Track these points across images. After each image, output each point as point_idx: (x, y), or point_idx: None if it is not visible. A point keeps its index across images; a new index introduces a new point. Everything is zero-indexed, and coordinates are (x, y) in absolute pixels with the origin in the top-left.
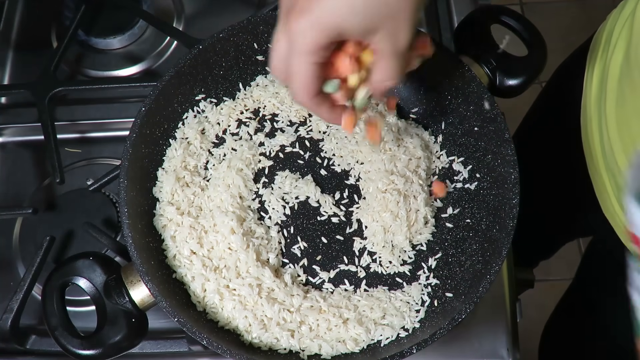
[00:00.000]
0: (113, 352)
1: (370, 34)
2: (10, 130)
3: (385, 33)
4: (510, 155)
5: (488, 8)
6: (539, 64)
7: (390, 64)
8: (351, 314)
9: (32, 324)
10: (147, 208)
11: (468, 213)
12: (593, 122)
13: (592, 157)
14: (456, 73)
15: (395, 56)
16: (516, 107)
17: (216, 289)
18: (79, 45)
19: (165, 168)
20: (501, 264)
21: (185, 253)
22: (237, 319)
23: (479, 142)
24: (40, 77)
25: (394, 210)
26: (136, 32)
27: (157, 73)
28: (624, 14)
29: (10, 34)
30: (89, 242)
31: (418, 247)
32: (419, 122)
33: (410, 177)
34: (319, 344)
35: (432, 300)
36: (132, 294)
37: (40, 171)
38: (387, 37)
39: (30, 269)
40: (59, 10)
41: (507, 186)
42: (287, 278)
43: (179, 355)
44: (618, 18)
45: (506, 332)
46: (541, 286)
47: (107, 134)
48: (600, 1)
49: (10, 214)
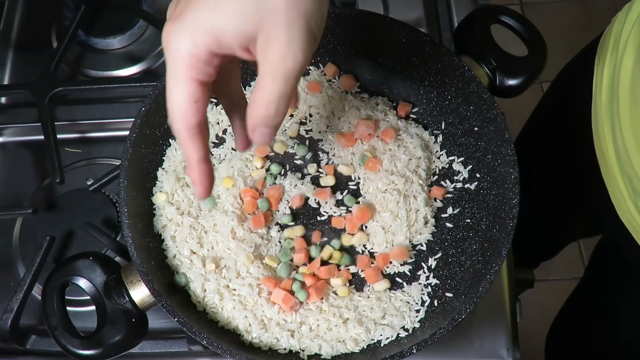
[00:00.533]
0: (113, 352)
1: (250, 41)
2: (10, 130)
3: (263, 40)
4: (510, 155)
5: (488, 8)
6: (539, 64)
7: (266, 83)
8: (351, 314)
9: (32, 324)
10: (147, 208)
11: (468, 213)
12: (605, 125)
13: (606, 160)
14: (456, 73)
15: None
16: (516, 107)
17: (216, 289)
18: (79, 45)
19: (165, 168)
20: (501, 264)
21: (185, 253)
22: (237, 319)
23: (479, 142)
24: (40, 77)
25: (394, 210)
26: (136, 32)
27: (157, 73)
28: (631, 17)
29: (10, 34)
30: (89, 242)
31: (418, 247)
32: (419, 122)
33: (410, 177)
34: (319, 344)
35: (432, 300)
36: (132, 294)
37: (40, 171)
38: (265, 47)
39: (30, 269)
40: (59, 10)
41: (507, 186)
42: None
43: (179, 355)
44: (625, 21)
45: (506, 332)
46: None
47: (107, 134)
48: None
49: (10, 214)
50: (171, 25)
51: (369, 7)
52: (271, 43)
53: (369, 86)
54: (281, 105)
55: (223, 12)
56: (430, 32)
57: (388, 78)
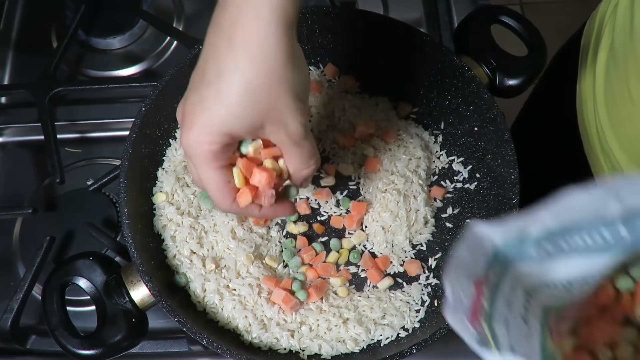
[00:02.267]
0: (113, 352)
1: (259, 130)
2: (10, 130)
3: (272, 126)
4: (510, 155)
5: (488, 8)
6: (539, 64)
7: (293, 152)
8: (351, 314)
9: (32, 324)
10: (147, 208)
11: (468, 213)
12: (588, 105)
13: (588, 138)
14: (456, 73)
15: (293, 144)
16: (516, 107)
17: (216, 289)
18: (79, 45)
19: (165, 168)
20: None
21: (185, 253)
22: (237, 319)
23: (479, 142)
24: (40, 77)
25: (394, 210)
26: (136, 32)
27: (157, 73)
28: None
29: (10, 34)
30: (89, 242)
31: (418, 247)
32: (419, 122)
33: (410, 177)
34: (319, 344)
35: (432, 300)
36: (132, 294)
37: (40, 171)
38: (276, 130)
39: (30, 269)
40: (59, 10)
41: (507, 186)
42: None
43: (179, 355)
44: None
45: None
46: None
47: (107, 134)
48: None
49: (10, 214)
50: (187, 134)
51: (369, 7)
52: (280, 125)
53: (369, 86)
54: (314, 155)
55: (228, 113)
56: (430, 32)
57: (388, 78)
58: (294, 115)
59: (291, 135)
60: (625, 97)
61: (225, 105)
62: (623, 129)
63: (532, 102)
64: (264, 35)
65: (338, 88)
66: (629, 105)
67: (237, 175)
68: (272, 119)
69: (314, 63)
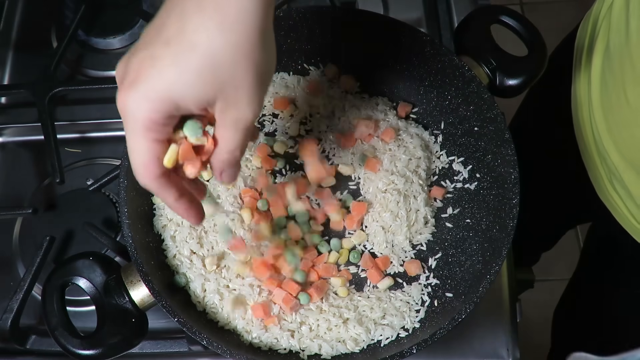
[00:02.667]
0: (113, 352)
1: (209, 104)
2: (10, 130)
3: (223, 104)
4: (510, 155)
5: (488, 8)
6: (539, 64)
7: (228, 135)
8: (351, 314)
9: (32, 324)
10: (147, 208)
11: (468, 213)
12: (583, 108)
13: (584, 142)
14: (456, 73)
15: (234, 128)
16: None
17: (216, 289)
18: (79, 45)
19: None
20: (501, 264)
21: (185, 253)
22: (237, 319)
23: (479, 142)
24: (40, 77)
25: (394, 210)
26: (136, 32)
27: None
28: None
29: (10, 34)
30: (89, 242)
31: (418, 247)
32: (419, 122)
33: (410, 177)
34: (319, 344)
35: (432, 300)
36: (132, 294)
37: (40, 171)
38: (226, 108)
39: (30, 269)
40: (59, 10)
41: (507, 186)
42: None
43: (179, 355)
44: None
45: (506, 332)
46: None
47: (107, 134)
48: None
49: (10, 214)
50: (126, 92)
51: (369, 7)
52: (231, 105)
53: (369, 86)
54: (243, 148)
55: (181, 80)
56: (430, 32)
57: (388, 78)
58: (251, 99)
59: (238, 120)
60: (622, 102)
61: (181, 70)
62: (620, 134)
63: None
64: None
65: (338, 88)
66: (626, 110)
67: (171, 157)
68: (227, 96)
69: (314, 63)
